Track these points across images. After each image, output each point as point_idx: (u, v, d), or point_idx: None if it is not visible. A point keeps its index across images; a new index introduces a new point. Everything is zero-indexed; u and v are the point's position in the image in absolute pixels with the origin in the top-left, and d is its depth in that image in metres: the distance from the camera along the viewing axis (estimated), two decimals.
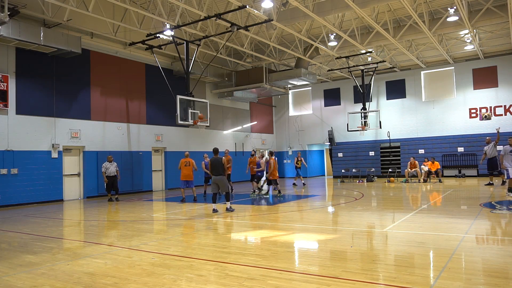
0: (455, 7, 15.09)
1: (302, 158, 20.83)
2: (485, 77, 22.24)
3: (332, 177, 26.54)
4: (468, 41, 19.75)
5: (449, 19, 15.99)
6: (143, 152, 19.08)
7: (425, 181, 19.69)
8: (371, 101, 24.66)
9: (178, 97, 14.63)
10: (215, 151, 11.10)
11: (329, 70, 23.30)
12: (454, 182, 18.94)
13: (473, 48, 20.53)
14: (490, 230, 7.62)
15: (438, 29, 16.89)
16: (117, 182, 15.25)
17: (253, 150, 19.78)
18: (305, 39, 17.71)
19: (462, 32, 19.01)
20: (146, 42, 16.29)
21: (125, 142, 18.30)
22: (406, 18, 17.40)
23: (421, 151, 23.33)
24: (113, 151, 17.47)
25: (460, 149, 22.45)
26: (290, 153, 28.56)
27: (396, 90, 24.82)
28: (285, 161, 28.72)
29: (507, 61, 21.71)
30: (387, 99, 25.08)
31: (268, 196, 15.27)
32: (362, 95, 22.82)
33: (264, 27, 17.40)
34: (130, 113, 18.70)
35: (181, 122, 14.77)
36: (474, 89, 22.55)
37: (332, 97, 27.08)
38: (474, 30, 18.19)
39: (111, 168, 14.99)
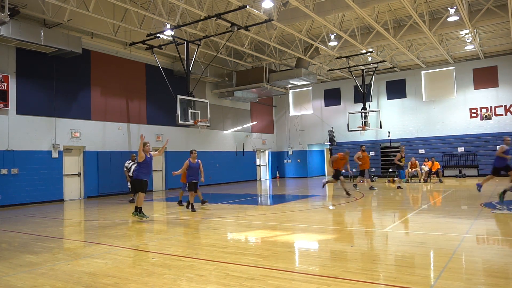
0: (455, 7, 15.08)
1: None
2: (485, 77, 22.22)
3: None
4: (469, 41, 19.74)
5: (449, 19, 15.98)
6: None
7: (425, 181, 19.68)
8: (371, 101, 24.65)
9: (179, 97, 14.64)
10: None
11: (329, 70, 23.30)
12: (455, 182, 18.93)
13: (474, 48, 20.52)
14: (491, 230, 7.62)
15: (438, 29, 16.88)
16: None
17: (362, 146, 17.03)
18: (305, 39, 17.71)
19: (463, 32, 19.00)
20: (146, 42, 16.30)
21: (125, 142, 18.30)
22: (407, 18, 17.39)
23: (422, 151, 23.33)
24: (114, 151, 17.49)
25: (461, 149, 22.45)
26: (290, 153, 28.56)
27: (396, 90, 24.80)
28: (285, 161, 28.72)
29: (508, 61, 21.69)
30: (387, 99, 25.07)
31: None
32: (362, 95, 22.81)
33: (264, 27, 17.40)
34: (130, 113, 18.70)
35: (182, 122, 14.77)
36: (474, 89, 22.54)
37: (332, 97, 27.06)
38: (475, 30, 18.19)
39: (134, 167, 13.89)
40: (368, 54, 20.37)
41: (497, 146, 13.96)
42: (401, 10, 16.96)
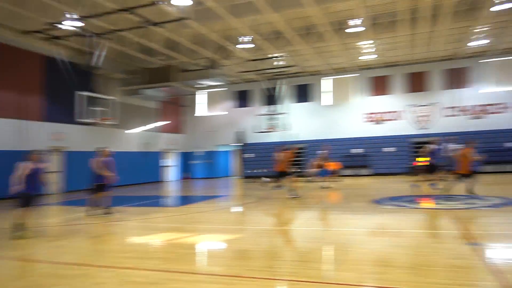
0: (359, 19, 16.44)
1: None
2: (381, 85, 24.65)
3: (239, 177, 26.91)
4: (370, 50, 21.56)
5: (353, 30, 17.37)
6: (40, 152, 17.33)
7: (325, 181, 20.90)
8: (279, 103, 25.64)
9: (81, 93, 13.67)
10: None
11: (241, 72, 23.65)
12: (351, 181, 20.45)
13: (373, 57, 22.50)
14: (378, 224, 8.38)
15: (343, 38, 18.23)
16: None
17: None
18: (219, 40, 17.75)
19: (365, 42, 20.64)
20: (47, 31, 14.77)
21: (17, 140, 16.44)
22: (315, 26, 18.36)
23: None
24: (3, 150, 15.62)
25: (356, 151, 24.55)
26: (200, 153, 28.34)
27: (303, 93, 26.19)
28: (194, 161, 28.40)
29: (401, 70, 24.28)
30: (294, 102, 26.27)
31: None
32: (271, 98, 23.65)
33: (178, 25, 17.00)
34: (24, 108, 16.83)
35: (85, 120, 13.80)
36: (371, 95, 24.80)
37: (243, 99, 27.57)
38: (375, 41, 19.94)
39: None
40: (279, 58, 21.13)
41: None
42: (310, 18, 17.81)
